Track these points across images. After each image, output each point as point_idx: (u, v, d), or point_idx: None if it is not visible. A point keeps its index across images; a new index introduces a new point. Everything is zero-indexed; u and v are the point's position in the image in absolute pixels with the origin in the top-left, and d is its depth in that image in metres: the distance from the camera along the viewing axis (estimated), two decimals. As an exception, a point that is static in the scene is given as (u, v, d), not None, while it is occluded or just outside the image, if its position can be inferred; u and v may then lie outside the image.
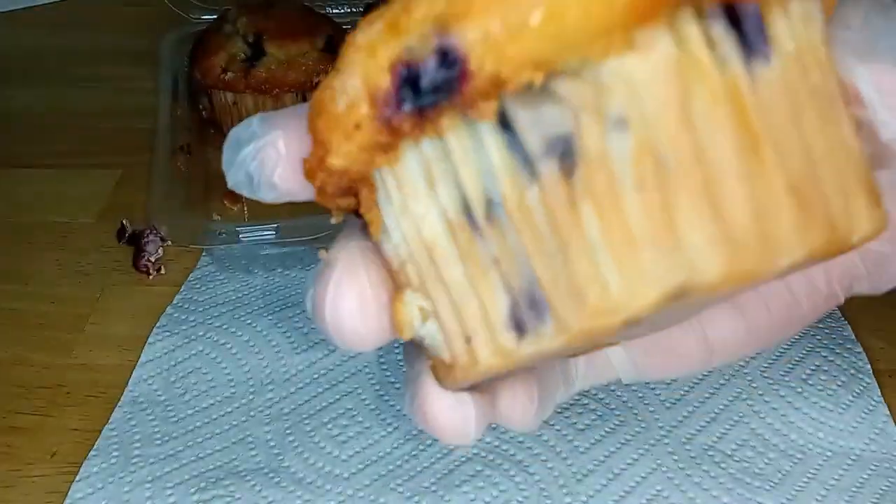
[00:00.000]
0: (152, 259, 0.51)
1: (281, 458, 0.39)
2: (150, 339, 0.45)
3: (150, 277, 0.51)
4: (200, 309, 0.48)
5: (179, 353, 0.45)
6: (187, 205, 0.50)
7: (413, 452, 0.40)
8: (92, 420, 0.41)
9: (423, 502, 0.37)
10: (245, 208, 0.58)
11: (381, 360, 0.45)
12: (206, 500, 0.37)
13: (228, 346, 0.45)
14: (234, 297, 0.49)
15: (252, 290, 0.50)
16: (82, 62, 0.79)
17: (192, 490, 0.37)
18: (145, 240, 0.52)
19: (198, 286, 0.50)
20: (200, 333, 0.46)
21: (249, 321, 0.47)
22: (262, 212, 0.57)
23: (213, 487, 0.38)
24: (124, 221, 0.54)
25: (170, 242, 0.52)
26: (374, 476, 0.39)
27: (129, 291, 0.50)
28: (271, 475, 0.38)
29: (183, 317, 0.47)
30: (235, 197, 0.58)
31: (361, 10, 0.68)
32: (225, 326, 0.46)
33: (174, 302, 0.48)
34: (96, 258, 0.53)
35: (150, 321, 0.47)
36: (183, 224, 0.47)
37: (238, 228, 0.47)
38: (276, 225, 0.47)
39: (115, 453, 0.39)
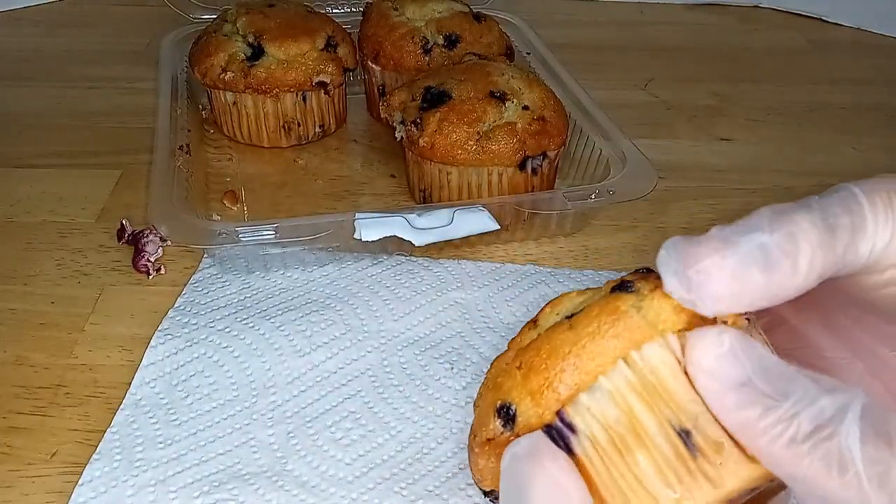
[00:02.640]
0: (152, 259, 0.51)
1: (284, 461, 0.39)
2: (153, 343, 0.45)
3: (150, 277, 0.51)
4: (202, 312, 0.47)
5: (182, 356, 0.44)
6: (187, 205, 0.50)
7: (417, 456, 0.40)
8: (92, 420, 0.41)
9: (427, 506, 0.37)
10: (245, 208, 0.58)
11: (385, 362, 0.45)
12: (209, 504, 0.37)
13: (230, 349, 0.45)
14: (236, 300, 0.49)
15: (254, 292, 0.49)
16: (82, 62, 0.79)
17: (196, 493, 0.37)
18: (145, 240, 0.52)
19: (199, 289, 0.50)
20: (202, 336, 0.46)
21: (251, 324, 0.46)
22: (262, 212, 0.57)
23: (217, 491, 0.37)
24: (124, 221, 0.54)
25: (170, 242, 0.52)
26: (378, 480, 0.38)
27: (129, 291, 0.50)
28: (275, 478, 0.38)
29: (185, 320, 0.47)
30: (235, 197, 0.58)
31: (362, 10, 0.68)
32: (227, 329, 0.46)
33: (176, 305, 0.48)
34: (96, 258, 0.53)
35: (150, 321, 0.47)
36: (183, 224, 0.47)
37: (238, 228, 0.46)
38: (275, 225, 0.47)
39: (117, 457, 0.39)
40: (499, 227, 0.49)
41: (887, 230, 0.25)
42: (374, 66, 0.65)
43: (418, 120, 0.53)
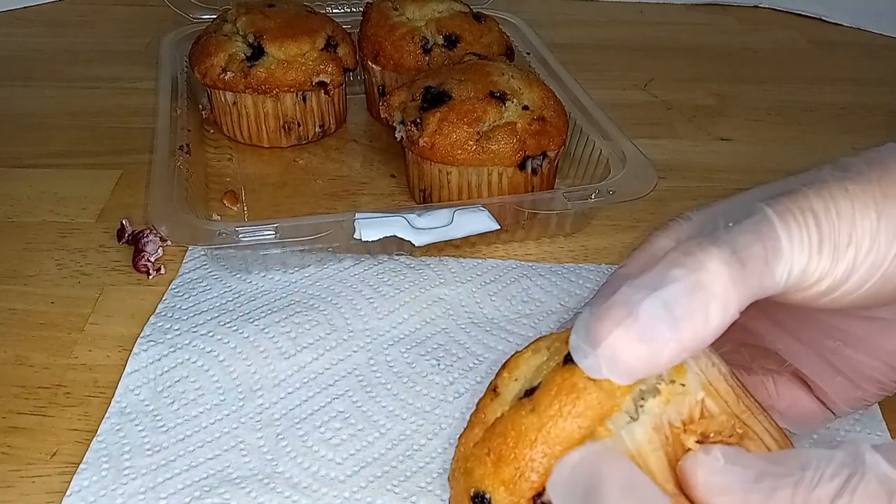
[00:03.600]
0: (152, 259, 0.51)
1: (275, 463, 0.39)
2: (135, 350, 0.45)
3: (150, 277, 0.51)
4: (184, 317, 0.47)
5: (165, 361, 0.44)
6: (187, 205, 0.50)
7: (408, 453, 0.40)
8: (92, 420, 0.41)
9: (421, 503, 0.37)
10: (245, 208, 0.58)
11: (371, 361, 0.45)
12: (202, 509, 0.36)
13: (215, 353, 0.44)
14: (217, 304, 0.48)
15: (236, 295, 0.49)
16: (82, 62, 0.79)
17: (187, 499, 0.37)
18: (145, 240, 0.52)
19: (180, 294, 0.49)
20: (186, 342, 0.45)
21: (235, 327, 0.46)
22: (262, 212, 0.57)
23: (208, 496, 0.37)
24: (124, 221, 0.54)
25: (169, 242, 0.52)
26: (370, 478, 0.38)
27: (129, 291, 0.50)
28: (265, 481, 0.38)
29: (167, 325, 0.46)
30: (235, 197, 0.58)
31: (362, 10, 0.68)
32: (210, 334, 0.45)
33: (157, 311, 0.48)
34: (96, 258, 0.53)
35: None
36: (182, 224, 0.47)
37: (238, 228, 0.46)
38: (275, 225, 0.47)
39: (105, 465, 0.38)
40: (499, 227, 0.49)
41: (804, 252, 0.24)
42: (374, 66, 0.65)
43: (418, 120, 0.53)
